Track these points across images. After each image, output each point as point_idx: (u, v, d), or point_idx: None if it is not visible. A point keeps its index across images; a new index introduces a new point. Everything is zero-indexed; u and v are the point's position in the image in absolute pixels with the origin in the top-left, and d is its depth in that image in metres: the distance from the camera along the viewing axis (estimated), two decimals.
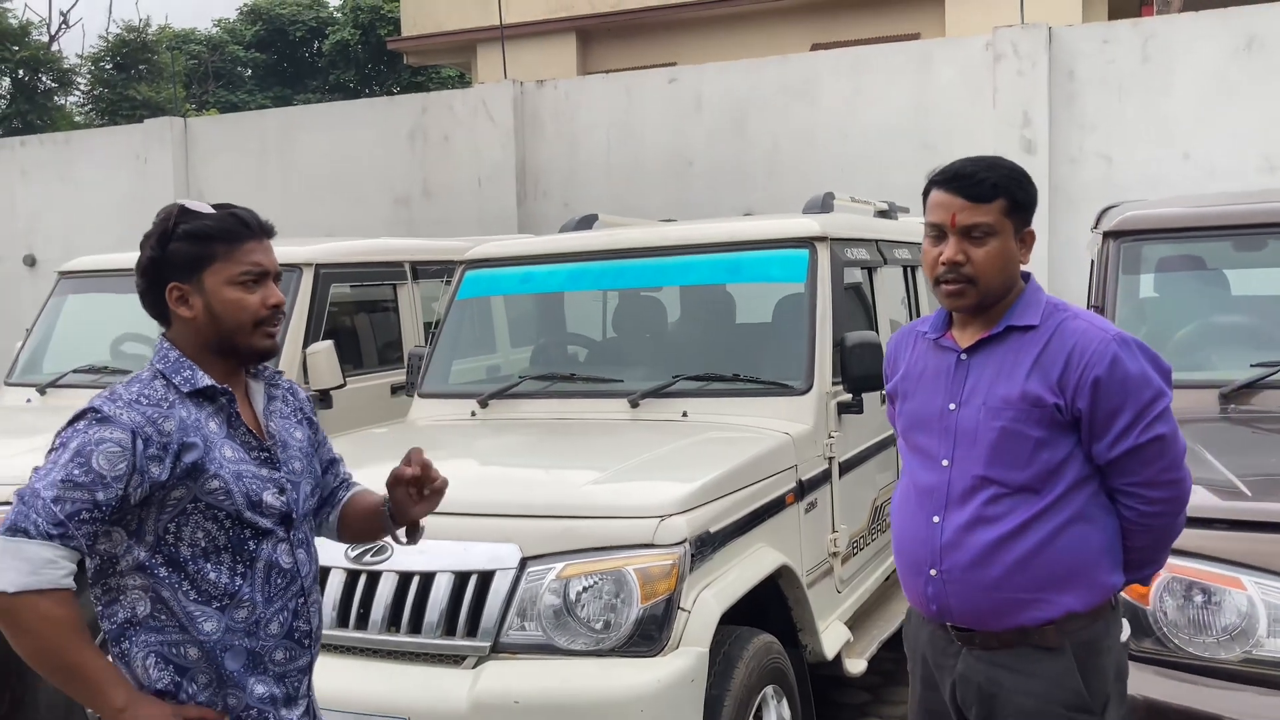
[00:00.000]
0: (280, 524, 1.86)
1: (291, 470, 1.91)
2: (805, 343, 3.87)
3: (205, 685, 1.79)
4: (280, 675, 1.86)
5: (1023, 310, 2.09)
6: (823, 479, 3.80)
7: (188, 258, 1.84)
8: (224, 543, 1.79)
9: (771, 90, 8.22)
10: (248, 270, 1.85)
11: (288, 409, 2.00)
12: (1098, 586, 2.06)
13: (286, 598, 1.86)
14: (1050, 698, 2.04)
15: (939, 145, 7.73)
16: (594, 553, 2.81)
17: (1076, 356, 2.01)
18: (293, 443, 1.95)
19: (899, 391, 2.25)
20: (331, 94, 25.22)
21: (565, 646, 2.76)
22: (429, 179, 9.32)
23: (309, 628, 1.91)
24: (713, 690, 2.80)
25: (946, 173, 2.08)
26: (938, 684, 2.19)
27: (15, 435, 4.72)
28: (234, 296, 1.85)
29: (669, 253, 4.26)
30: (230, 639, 1.80)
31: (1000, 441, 2.03)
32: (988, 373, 2.08)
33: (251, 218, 1.89)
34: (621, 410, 3.92)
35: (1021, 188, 2.07)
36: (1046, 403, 2.01)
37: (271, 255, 1.90)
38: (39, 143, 11.02)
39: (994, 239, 2.04)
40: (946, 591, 2.08)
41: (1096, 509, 2.07)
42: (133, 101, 21.77)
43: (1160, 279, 4.44)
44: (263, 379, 1.97)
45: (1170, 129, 7.20)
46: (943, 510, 2.09)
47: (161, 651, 1.78)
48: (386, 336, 5.86)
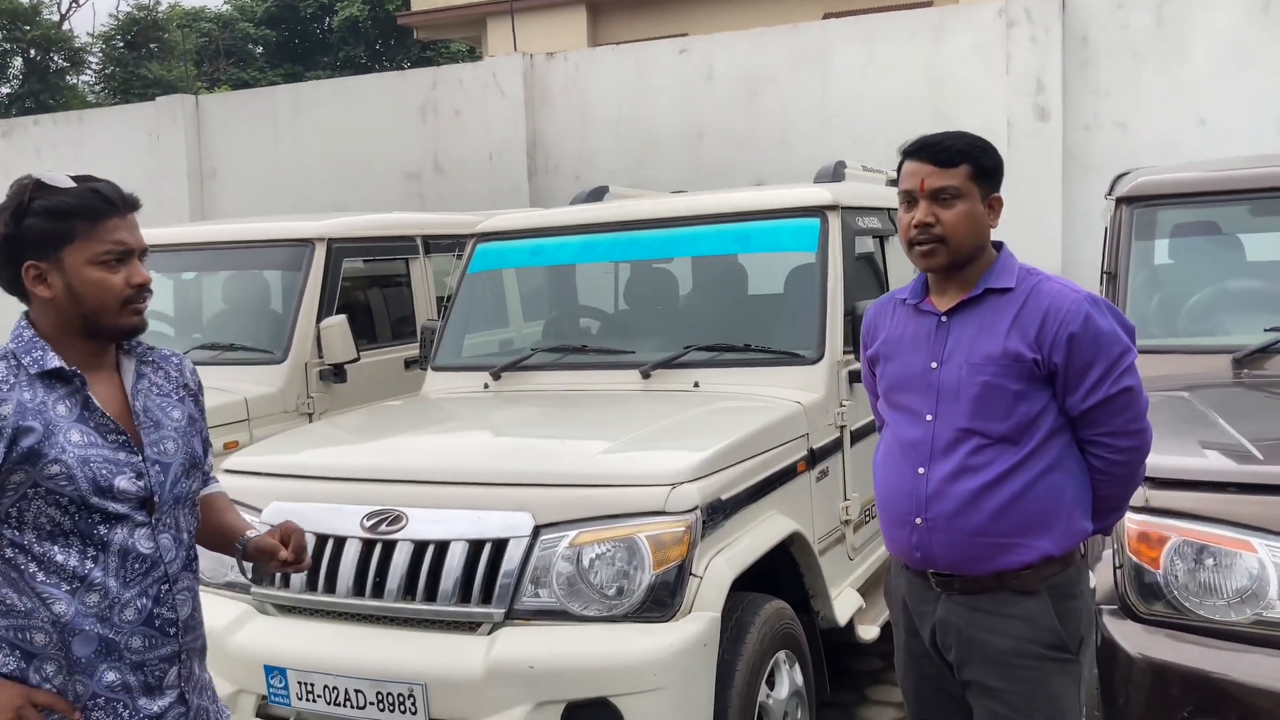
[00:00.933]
0: (140, 508, 1.79)
1: (161, 451, 1.84)
2: (816, 312, 3.88)
3: (55, 672, 1.75)
4: (138, 664, 1.79)
5: (999, 274, 2.24)
6: (834, 447, 3.81)
7: (45, 235, 1.76)
8: (69, 527, 1.73)
9: (783, 60, 8.16)
10: (110, 249, 1.77)
11: (168, 385, 1.93)
12: (1072, 531, 2.20)
13: (146, 584, 1.79)
14: (1028, 637, 2.18)
15: (951, 113, 7.66)
16: (606, 520, 2.83)
17: (1053, 315, 2.16)
18: (167, 422, 1.88)
19: (880, 355, 2.38)
20: (342, 70, 25.18)
21: (579, 613, 2.79)
22: (440, 153, 9.31)
23: (174, 615, 1.83)
24: (725, 655, 2.83)
25: (915, 144, 2.24)
26: (919, 630, 2.32)
27: None
28: (96, 276, 1.77)
29: (679, 224, 4.26)
30: (80, 623, 1.74)
31: (983, 395, 2.17)
32: (968, 332, 2.22)
33: (114, 192, 1.81)
34: (633, 381, 3.94)
35: (986, 154, 2.21)
36: (1026, 358, 2.16)
37: (137, 232, 1.82)
38: (53, 122, 11.05)
39: (961, 201, 2.18)
40: (931, 540, 2.21)
41: (1069, 459, 2.21)
42: (144, 80, 21.80)
43: (1174, 244, 4.42)
44: (134, 355, 1.90)
45: (1186, 94, 7.12)
46: (928, 462, 2.22)
47: (6, 636, 1.74)
48: (399, 311, 5.88)
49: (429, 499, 3.01)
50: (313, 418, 4.98)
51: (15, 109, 20.17)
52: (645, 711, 2.63)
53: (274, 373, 4.95)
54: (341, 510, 3.06)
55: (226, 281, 5.68)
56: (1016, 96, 7.40)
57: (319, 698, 2.84)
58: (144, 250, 1.84)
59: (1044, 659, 2.18)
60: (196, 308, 5.90)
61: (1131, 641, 2.62)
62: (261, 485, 3.25)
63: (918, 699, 2.42)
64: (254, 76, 26.18)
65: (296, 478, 3.26)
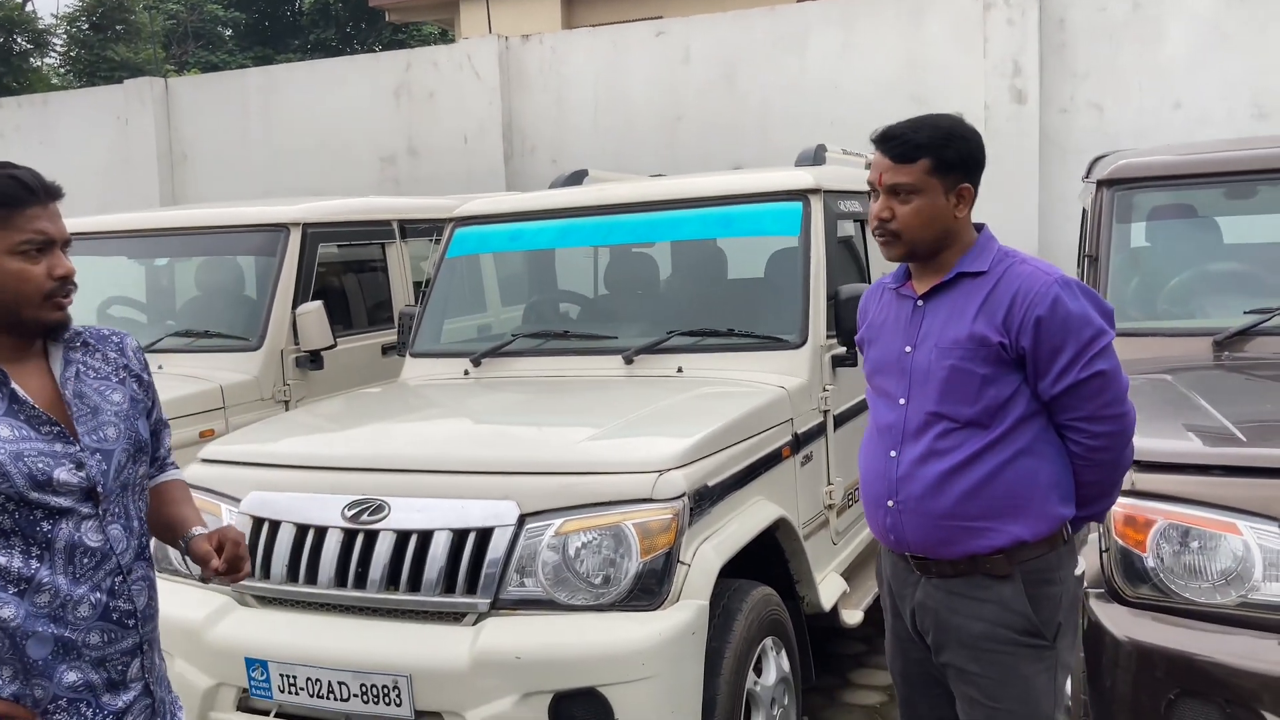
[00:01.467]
0: (85, 500, 1.73)
1: (101, 438, 1.77)
2: (799, 296, 3.86)
3: (11, 677, 1.68)
4: (98, 660, 1.74)
5: (974, 258, 2.23)
6: (818, 432, 3.80)
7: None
8: (10, 526, 1.66)
9: (761, 43, 8.12)
10: (30, 238, 1.70)
11: (106, 368, 1.86)
12: (1046, 517, 2.18)
13: (98, 578, 1.73)
14: (1000, 621, 2.18)
15: (930, 97, 7.65)
16: (592, 508, 2.80)
17: (1020, 298, 2.14)
18: (106, 406, 1.80)
19: (866, 340, 2.40)
20: (313, 53, 24.89)
21: (565, 602, 2.76)
22: (414, 137, 9.21)
23: (131, 607, 1.78)
24: (713, 643, 2.81)
25: (880, 134, 2.22)
26: (902, 613, 2.35)
27: None
28: (15, 268, 1.70)
29: (660, 208, 4.22)
30: (33, 625, 1.68)
31: (950, 379, 2.17)
32: (940, 316, 2.22)
33: (34, 179, 1.74)
34: (616, 367, 3.91)
35: (949, 146, 2.17)
36: (991, 341, 2.14)
37: (59, 222, 1.75)
38: (17, 105, 10.84)
39: (917, 197, 2.17)
40: (903, 522, 2.22)
41: (1044, 444, 2.19)
42: (110, 63, 21.45)
43: (1152, 227, 4.43)
44: (61, 341, 1.81)
45: (1162, 77, 7.15)
46: (899, 445, 2.23)
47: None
48: (376, 296, 5.81)
49: (411, 488, 2.96)
50: (289, 405, 4.92)
51: None
52: (634, 701, 2.61)
53: (249, 360, 4.88)
54: (322, 500, 3.02)
55: (200, 267, 5.59)
56: (994, 79, 7.40)
57: (301, 690, 2.80)
58: (67, 241, 1.76)
59: (1016, 644, 2.18)
60: (169, 294, 5.80)
61: (1118, 625, 2.62)
62: (239, 475, 3.20)
63: (904, 681, 2.44)
64: (222, 60, 25.83)
65: (275, 467, 3.21)
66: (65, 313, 1.77)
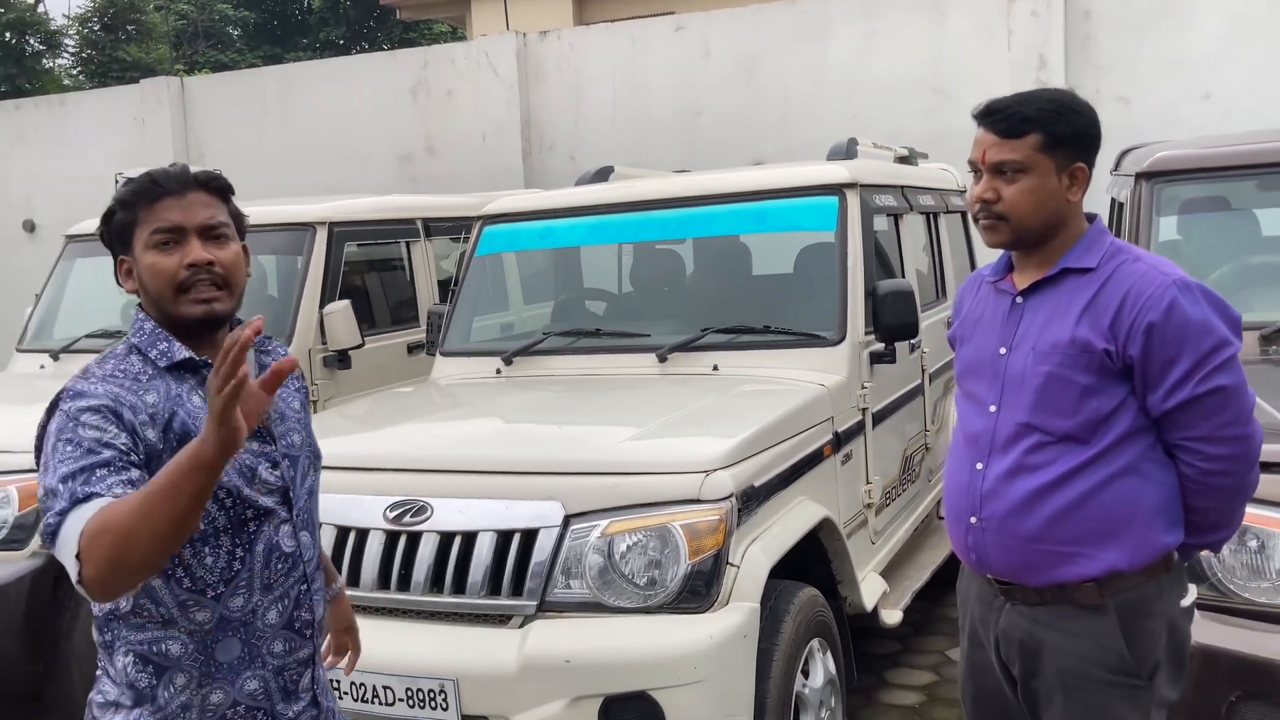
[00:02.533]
0: (281, 503, 1.72)
1: (290, 444, 1.77)
2: (837, 292, 3.81)
3: (184, 686, 1.66)
4: (279, 669, 1.73)
5: (1082, 252, 2.01)
6: (857, 430, 3.75)
7: (121, 227, 1.72)
8: (223, 524, 1.65)
9: (781, 37, 8.06)
10: (158, 229, 1.68)
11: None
12: (1147, 545, 1.95)
13: (287, 584, 1.73)
14: (1091, 659, 1.97)
15: (952, 90, 7.59)
16: (638, 509, 2.76)
17: (1131, 300, 1.92)
18: (290, 414, 1.81)
19: (958, 336, 2.21)
20: (322, 52, 24.88)
21: (612, 604, 2.72)
22: (432, 135, 9.18)
23: (311, 617, 1.77)
24: (762, 645, 2.77)
25: (983, 108, 2.03)
26: (983, 641, 2.14)
27: (31, 402, 4.66)
28: (149, 261, 1.69)
29: (693, 203, 4.17)
30: (223, 631, 1.67)
31: (1046, 387, 1.96)
32: (1041, 316, 2.02)
33: (165, 173, 1.73)
34: (649, 365, 3.86)
35: (1060, 120, 1.97)
36: (1095, 348, 1.93)
37: (193, 210, 1.70)
38: (34, 106, 10.83)
39: (1026, 176, 1.97)
40: (985, 542, 2.03)
41: (1151, 464, 1.97)
42: (122, 63, 21.46)
43: (1184, 221, 4.37)
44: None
45: (1190, 68, 7.07)
46: (986, 457, 2.03)
47: (140, 651, 1.65)
48: (400, 295, 5.78)
49: (454, 489, 2.93)
50: (318, 405, 4.89)
51: None
52: (685, 704, 2.57)
53: None
54: (362, 501, 2.98)
55: None
56: (1018, 72, 7.32)
57: (346, 694, 2.76)
58: (206, 228, 1.70)
59: (1107, 683, 1.96)
60: None
61: None
62: None
63: (974, 708, 2.24)
64: (232, 59, 25.84)
65: None
66: (207, 307, 1.70)
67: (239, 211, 1.82)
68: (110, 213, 1.75)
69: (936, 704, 4.01)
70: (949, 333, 2.29)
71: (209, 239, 1.71)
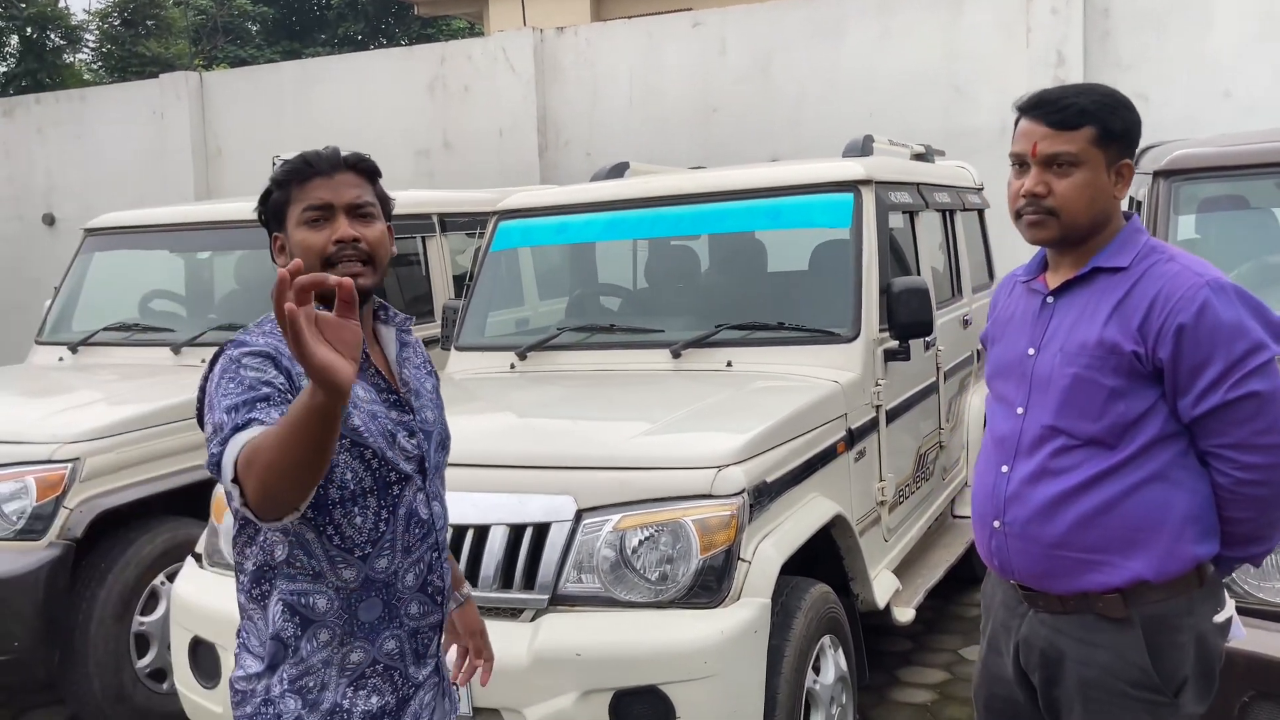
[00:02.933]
0: (417, 471, 1.78)
1: (424, 419, 1.82)
2: (851, 289, 3.80)
3: (326, 642, 1.70)
4: (414, 630, 1.78)
5: (1114, 251, 1.96)
6: (871, 427, 3.75)
7: (276, 206, 1.82)
8: (370, 484, 1.70)
9: (798, 33, 8.04)
10: (308, 206, 1.77)
11: (418, 359, 1.91)
12: (1176, 556, 1.89)
13: (423, 549, 1.78)
14: (1113, 671, 1.92)
15: (969, 88, 7.56)
16: (651, 504, 2.77)
17: (1161, 301, 1.87)
18: (424, 391, 1.86)
19: (990, 336, 2.17)
20: (340, 47, 24.96)
21: (624, 598, 2.73)
22: (449, 130, 9.20)
23: (441, 584, 1.83)
24: (773, 641, 2.77)
25: (1031, 99, 1.97)
26: (1001, 649, 2.11)
27: (50, 394, 4.70)
28: (300, 238, 1.77)
29: (708, 199, 4.17)
30: (367, 590, 1.72)
31: (1072, 389, 1.91)
32: (1070, 316, 1.97)
33: (317, 155, 1.81)
34: (664, 361, 3.87)
35: (1115, 114, 1.92)
36: (1124, 350, 1.88)
37: (342, 189, 1.79)
38: (55, 100, 10.91)
39: (1079, 170, 1.91)
40: (1008, 546, 2.00)
41: (1182, 470, 1.91)
42: (141, 58, 21.59)
43: (1202, 219, 4.34)
44: (393, 324, 1.87)
45: (1210, 66, 7.01)
46: (1012, 460, 1.99)
47: (290, 601, 1.70)
48: (415, 290, 5.80)
49: (466, 482, 2.92)
50: None
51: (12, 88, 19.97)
52: (696, 699, 2.58)
53: None
54: None
55: (240, 261, 5.60)
56: (1037, 70, 7.29)
57: None
58: (353, 206, 1.78)
59: (1129, 698, 1.91)
60: (209, 287, 5.81)
61: None
62: None
63: (988, 713, 2.20)
64: (250, 54, 25.96)
65: None
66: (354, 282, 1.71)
67: (385, 194, 1.89)
68: (267, 193, 1.84)
69: (949, 703, 4.01)
70: (982, 333, 2.25)
71: (355, 217, 1.78)
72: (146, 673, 4.00)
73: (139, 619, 3.98)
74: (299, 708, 1.69)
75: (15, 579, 3.68)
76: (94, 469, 3.89)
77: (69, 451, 3.87)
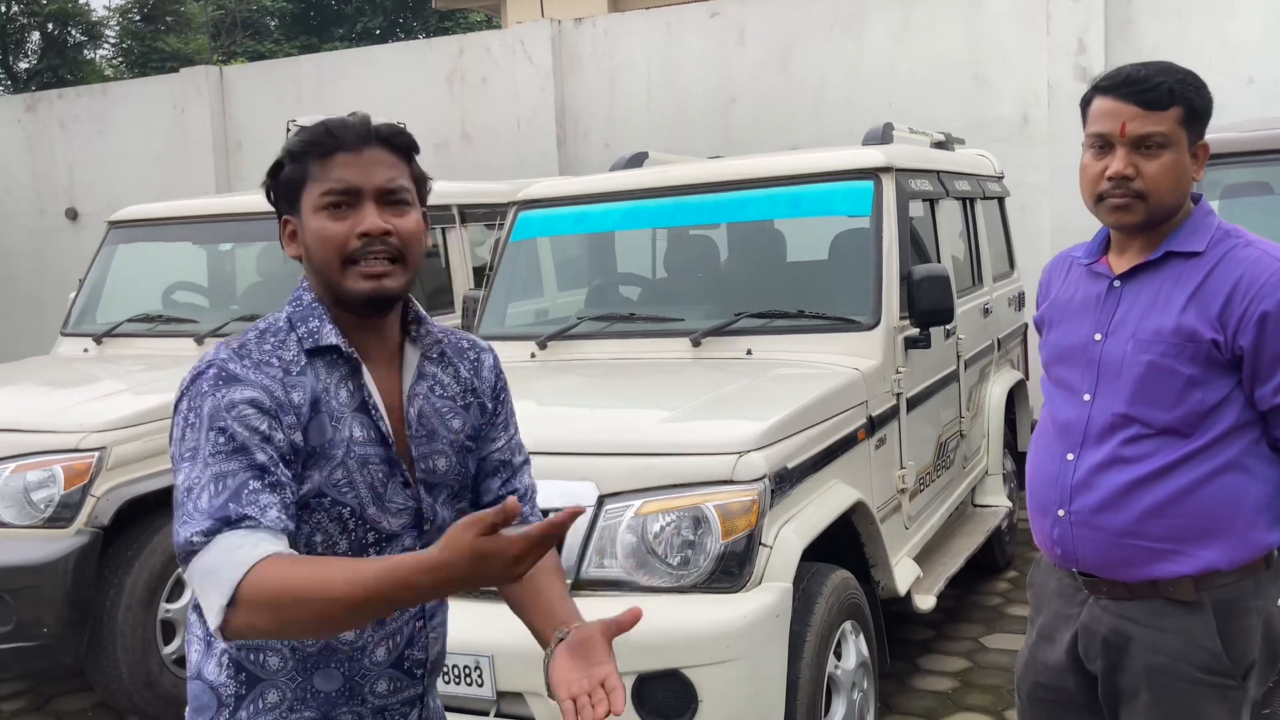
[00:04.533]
0: (410, 526, 1.51)
1: (429, 468, 1.53)
2: (872, 277, 3.80)
3: (273, 704, 1.48)
4: (380, 709, 1.55)
5: (1187, 235, 1.91)
6: (891, 415, 3.75)
7: (289, 184, 1.49)
8: (344, 548, 1.46)
9: (817, 23, 8.02)
10: (330, 189, 1.43)
11: (455, 388, 1.59)
12: (1248, 544, 1.88)
13: (401, 621, 1.53)
14: (1183, 656, 1.89)
15: (990, 77, 7.52)
16: (672, 490, 2.78)
17: (1243, 288, 1.83)
18: (443, 434, 1.55)
19: (1045, 320, 2.11)
20: (358, 41, 25.03)
21: (645, 583, 2.74)
22: (467, 122, 9.22)
23: (424, 656, 1.58)
24: (794, 626, 2.78)
25: (1115, 77, 1.90)
26: (1054, 637, 2.07)
27: (77, 384, 4.76)
28: (315, 226, 1.45)
29: (728, 188, 4.17)
30: (326, 659, 1.49)
31: (1147, 377, 1.88)
32: (1141, 302, 1.92)
33: (343, 124, 1.46)
34: (683, 349, 3.87)
35: (1200, 94, 1.89)
36: (1203, 338, 1.84)
37: (372, 170, 1.44)
38: (76, 95, 11.00)
39: (1168, 151, 1.86)
40: (1074, 535, 1.96)
41: (1256, 459, 1.89)
42: (161, 54, 21.74)
43: (1225, 205, 4.31)
44: (421, 345, 1.56)
45: (1234, 52, 6.95)
46: (1078, 448, 1.95)
47: (237, 657, 1.48)
48: (435, 281, 5.83)
49: None
50: None
51: (34, 83, 20.15)
52: (718, 683, 2.59)
53: None
54: None
55: (262, 253, 5.64)
56: (1058, 58, 7.24)
57: None
58: (384, 191, 1.45)
59: (1200, 683, 1.89)
60: (231, 279, 5.86)
61: None
62: None
63: (1031, 704, 2.15)
64: (269, 49, 26.07)
65: None
66: (376, 283, 1.44)
67: (423, 174, 1.55)
68: (278, 166, 1.50)
69: (970, 690, 4.01)
70: (1035, 315, 2.19)
71: (387, 204, 1.46)
72: (173, 659, 4.05)
73: (165, 605, 4.03)
74: None
75: (44, 566, 3.72)
76: (120, 457, 3.94)
77: (95, 440, 3.91)
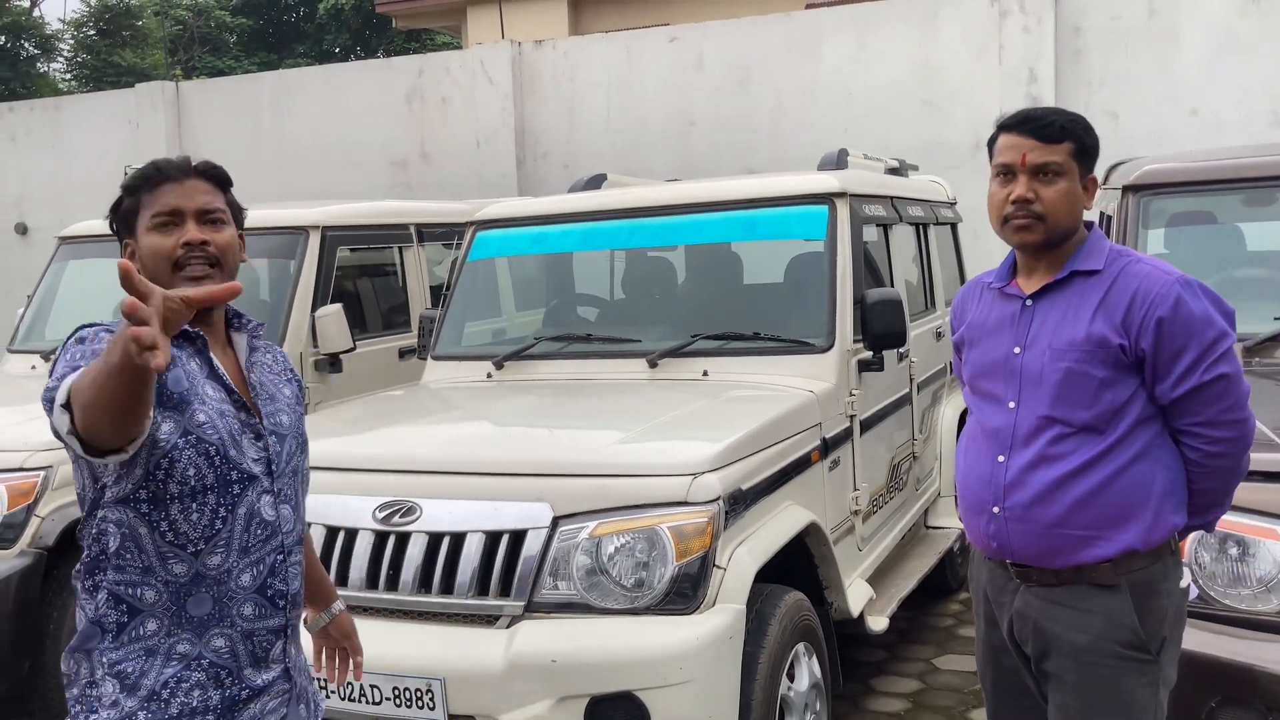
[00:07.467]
0: (265, 473, 1.80)
1: (276, 423, 1.84)
2: (826, 300, 3.84)
3: (153, 632, 1.72)
4: (248, 632, 1.78)
5: (1087, 255, 2.15)
6: (844, 437, 3.78)
7: (126, 212, 1.85)
8: (211, 481, 1.72)
9: (774, 49, 8.12)
10: (158, 211, 1.80)
11: (276, 366, 1.94)
12: (1159, 526, 2.10)
13: (265, 551, 1.79)
14: (1105, 635, 2.10)
15: (943, 104, 7.66)
16: (626, 511, 2.78)
17: (1140, 298, 2.07)
18: (280, 396, 1.88)
19: (965, 340, 2.32)
20: (322, 59, 24.91)
21: (599, 605, 2.74)
22: (427, 142, 9.21)
23: (285, 588, 1.82)
24: (747, 647, 2.79)
25: (1016, 117, 2.16)
26: (998, 621, 2.26)
27: (22, 402, 4.66)
28: (147, 242, 1.80)
29: (685, 211, 4.20)
30: (197, 585, 1.73)
31: (1065, 382, 2.10)
32: (1053, 317, 2.15)
33: (168, 161, 1.85)
34: (640, 370, 3.89)
35: (1088, 133, 2.16)
36: (1111, 344, 2.07)
37: (192, 195, 1.81)
38: (29, 109, 10.84)
39: (1063, 179, 2.12)
40: (1008, 530, 2.15)
41: (1159, 449, 2.12)
42: (117, 68, 21.49)
43: (1171, 234, 4.42)
44: (245, 330, 1.91)
45: (1178, 84, 7.15)
46: (1008, 450, 2.16)
47: (116, 591, 1.72)
48: (392, 300, 5.80)
49: (442, 489, 2.94)
50: (309, 408, 4.90)
51: None
52: (671, 705, 2.59)
53: None
54: (351, 501, 3.00)
55: None
56: (1009, 86, 7.40)
57: (333, 693, 2.77)
58: (202, 212, 1.81)
59: (1120, 658, 2.09)
60: None
61: None
62: None
63: (995, 691, 2.36)
64: (228, 66, 25.86)
65: None
66: (199, 284, 1.77)
67: (237, 203, 1.91)
68: (119, 201, 1.86)
69: (922, 711, 4.03)
70: (954, 337, 2.39)
71: (205, 222, 1.81)
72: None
73: None
74: (116, 691, 1.71)
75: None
76: (66, 477, 3.87)
77: (41, 460, 3.84)
